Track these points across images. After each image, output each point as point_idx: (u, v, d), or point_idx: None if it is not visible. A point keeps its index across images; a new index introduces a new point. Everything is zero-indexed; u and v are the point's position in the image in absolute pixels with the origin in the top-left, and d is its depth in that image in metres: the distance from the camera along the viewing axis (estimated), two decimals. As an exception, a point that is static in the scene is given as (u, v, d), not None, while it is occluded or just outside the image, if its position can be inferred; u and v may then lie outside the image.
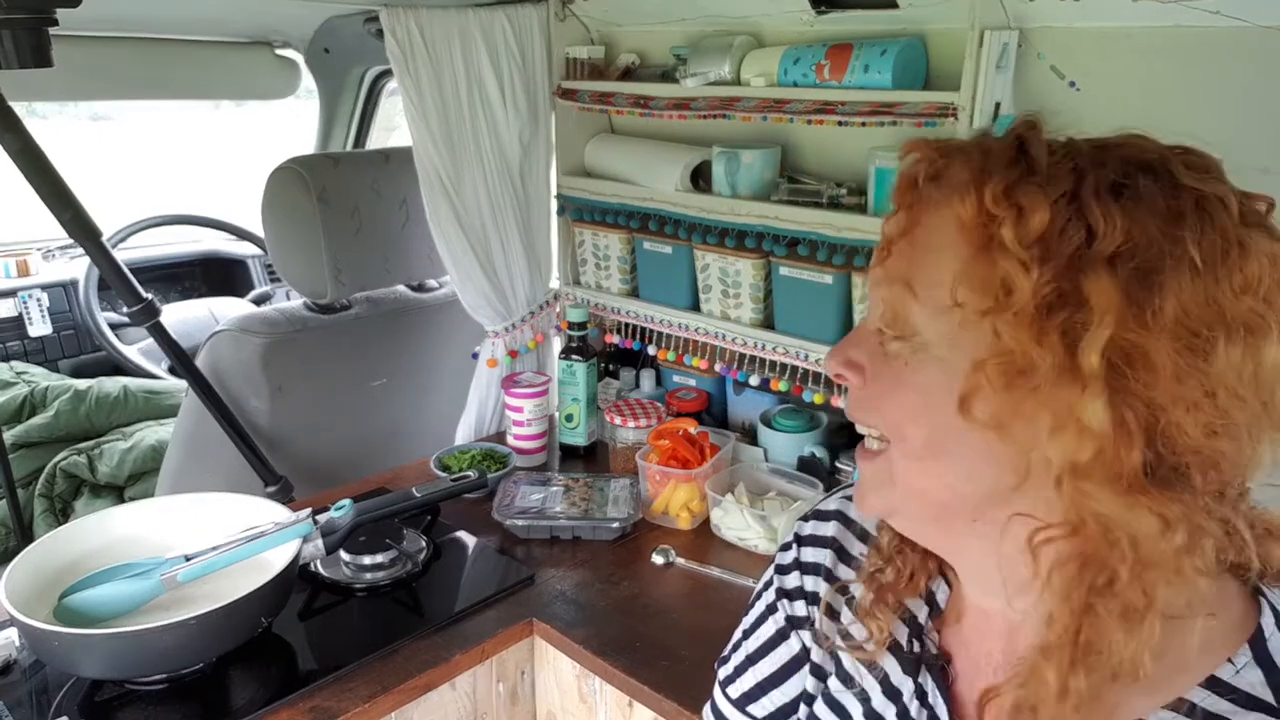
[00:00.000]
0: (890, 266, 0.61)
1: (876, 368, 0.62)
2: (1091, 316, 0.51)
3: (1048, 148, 0.56)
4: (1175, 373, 0.50)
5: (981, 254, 0.54)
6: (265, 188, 1.71)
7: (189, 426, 1.78)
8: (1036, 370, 0.52)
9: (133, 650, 1.04)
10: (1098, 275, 0.51)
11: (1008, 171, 0.55)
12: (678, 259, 1.65)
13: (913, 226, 0.60)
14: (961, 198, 0.55)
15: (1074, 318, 0.51)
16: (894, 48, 1.30)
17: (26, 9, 1.21)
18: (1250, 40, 1.08)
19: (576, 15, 1.74)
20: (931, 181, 0.60)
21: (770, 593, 0.82)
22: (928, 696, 0.68)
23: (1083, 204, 0.52)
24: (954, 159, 0.58)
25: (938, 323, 0.57)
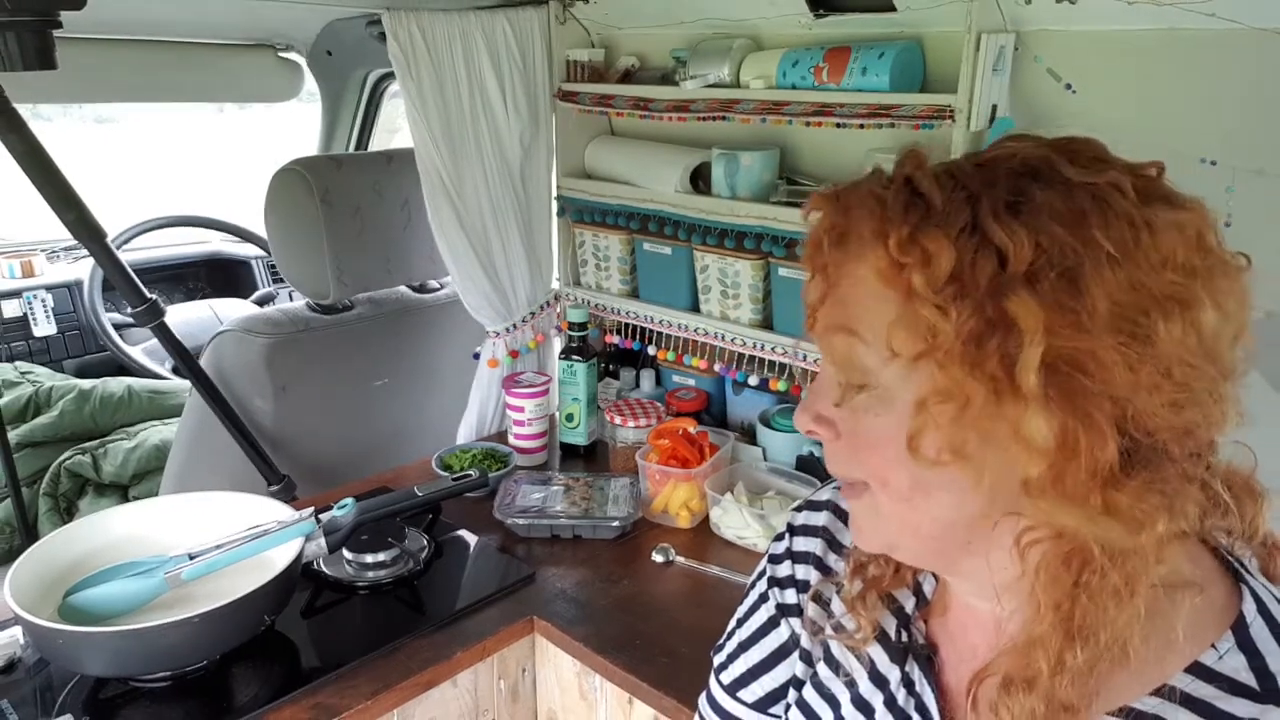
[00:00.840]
0: (826, 322, 0.61)
1: (847, 422, 0.61)
2: (1023, 337, 0.51)
3: (936, 182, 0.56)
4: (1126, 363, 0.51)
5: (906, 301, 0.55)
6: (268, 189, 1.72)
7: (193, 426, 1.79)
8: (974, 401, 0.53)
9: (137, 648, 1.04)
10: (1019, 296, 0.51)
11: (906, 217, 0.55)
12: (677, 260, 1.66)
13: (833, 288, 0.60)
14: (872, 250, 0.56)
15: (1007, 341, 0.52)
16: (892, 50, 1.31)
17: (31, 11, 1.22)
18: (1245, 42, 1.08)
19: (577, 18, 1.75)
20: (840, 240, 0.60)
21: (762, 582, 0.84)
22: (915, 685, 0.69)
23: (985, 230, 0.53)
24: (854, 212, 0.58)
25: (889, 368, 0.57)
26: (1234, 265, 0.55)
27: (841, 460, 0.63)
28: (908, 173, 0.58)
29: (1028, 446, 0.53)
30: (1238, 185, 1.13)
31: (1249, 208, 1.13)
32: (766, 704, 0.83)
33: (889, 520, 0.62)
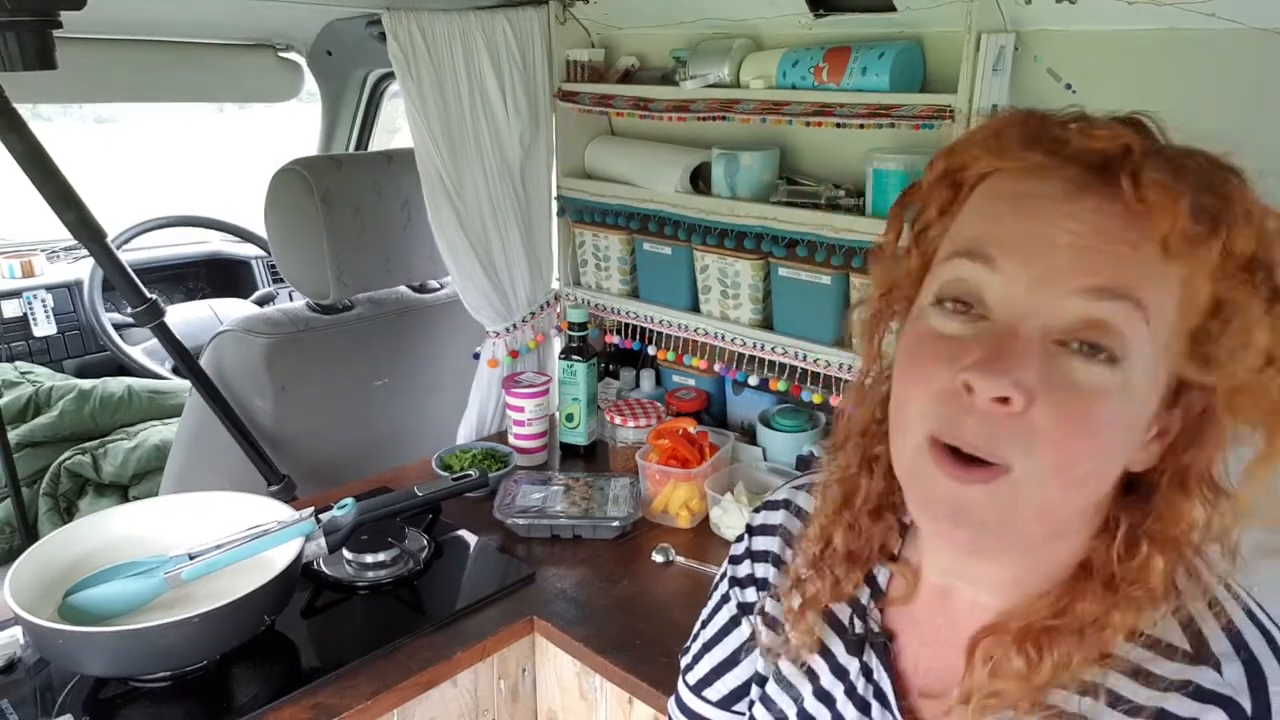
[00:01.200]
0: (1123, 276, 0.54)
1: (1060, 396, 0.54)
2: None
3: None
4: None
5: (1272, 301, 0.55)
6: (268, 189, 1.72)
7: (193, 426, 1.79)
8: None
9: (137, 648, 1.04)
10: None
11: (1260, 204, 0.56)
12: (677, 260, 1.66)
13: (1181, 237, 0.53)
14: (1246, 224, 0.54)
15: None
16: (891, 50, 1.31)
17: (31, 11, 1.22)
18: (1246, 43, 1.08)
19: (577, 18, 1.75)
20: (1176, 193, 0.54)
21: (724, 583, 0.85)
22: (873, 674, 0.70)
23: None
24: (1187, 171, 0.55)
25: (1153, 349, 0.55)
26: None
27: (1010, 435, 0.55)
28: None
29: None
30: (1238, 185, 1.13)
31: (1249, 208, 1.13)
32: (730, 701, 0.85)
33: (1024, 509, 0.56)
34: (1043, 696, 0.59)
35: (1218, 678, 0.56)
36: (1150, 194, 0.53)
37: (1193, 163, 0.55)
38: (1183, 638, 0.58)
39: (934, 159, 0.64)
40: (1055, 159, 0.56)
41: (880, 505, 0.70)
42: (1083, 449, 0.55)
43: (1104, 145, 0.55)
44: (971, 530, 0.58)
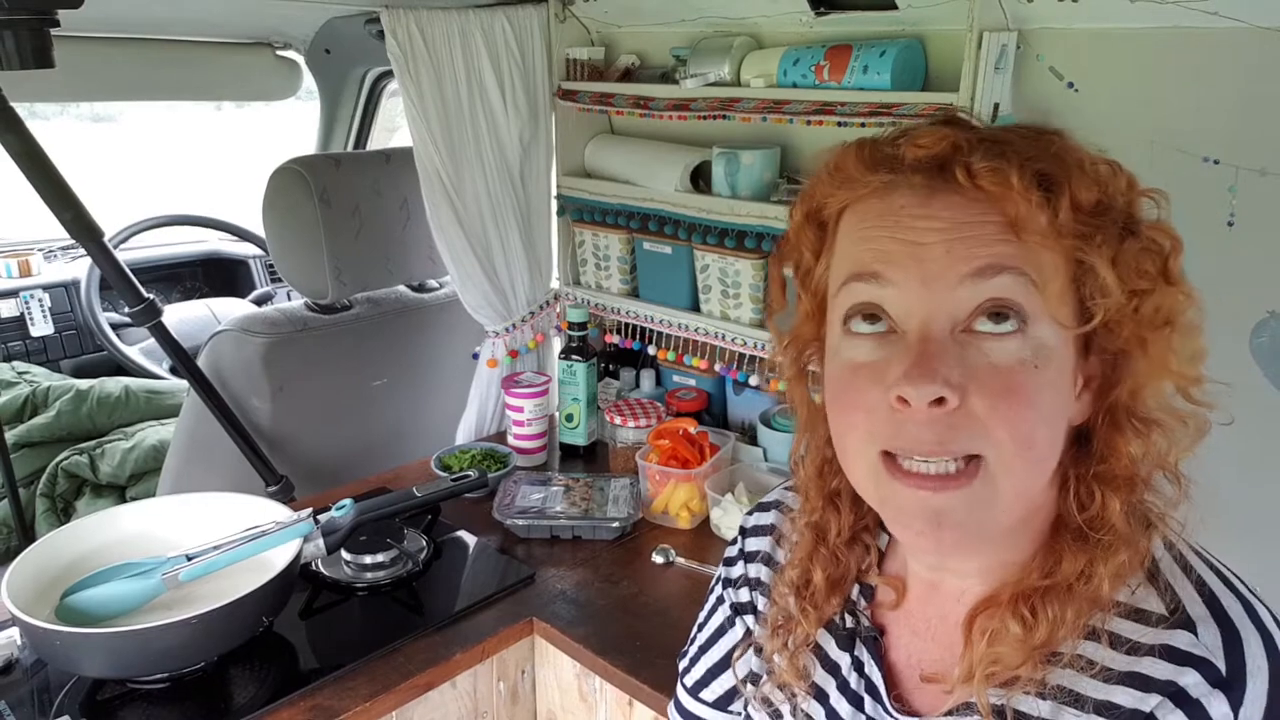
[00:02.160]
0: (999, 253, 0.57)
1: (987, 379, 0.57)
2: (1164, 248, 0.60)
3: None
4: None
5: (1127, 237, 0.58)
6: (266, 188, 1.71)
7: (190, 426, 1.78)
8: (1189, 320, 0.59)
9: (134, 649, 1.04)
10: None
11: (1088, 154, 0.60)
12: (677, 259, 1.65)
13: (1043, 209, 0.57)
14: (1100, 184, 0.58)
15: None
16: (893, 49, 1.30)
17: (28, 10, 1.21)
18: (1248, 41, 1.08)
19: (576, 16, 1.74)
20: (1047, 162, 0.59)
21: (719, 585, 0.87)
22: (864, 667, 0.71)
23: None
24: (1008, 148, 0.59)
25: (1060, 309, 0.58)
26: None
27: (959, 429, 0.57)
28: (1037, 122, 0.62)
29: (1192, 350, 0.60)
30: (1240, 184, 1.13)
31: (1251, 207, 1.13)
32: (726, 702, 0.86)
33: (1004, 495, 0.58)
34: (1042, 656, 0.60)
35: (1193, 639, 0.57)
36: (984, 180, 0.57)
37: (1015, 138, 0.59)
38: (1160, 603, 0.60)
39: (792, 208, 0.69)
40: (897, 174, 0.61)
41: (854, 534, 0.74)
42: (1029, 419, 0.58)
43: (931, 149, 0.59)
44: (954, 531, 0.60)
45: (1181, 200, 1.18)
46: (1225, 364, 1.24)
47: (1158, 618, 0.59)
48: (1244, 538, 1.03)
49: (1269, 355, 1.15)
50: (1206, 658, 0.57)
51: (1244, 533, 1.02)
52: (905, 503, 0.60)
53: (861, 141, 0.64)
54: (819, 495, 0.74)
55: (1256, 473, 1.15)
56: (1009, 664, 0.60)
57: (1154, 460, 0.61)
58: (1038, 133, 0.60)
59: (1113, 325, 0.59)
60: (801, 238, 0.68)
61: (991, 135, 0.60)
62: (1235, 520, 0.97)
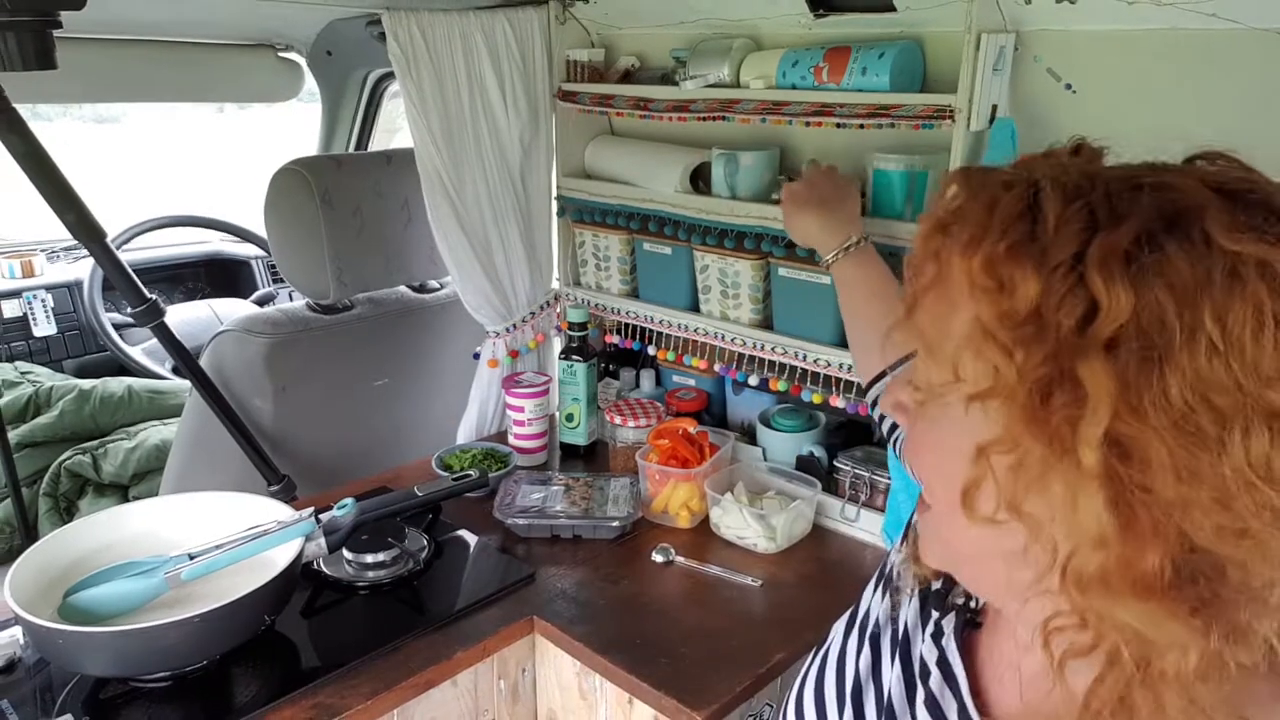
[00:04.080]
0: (919, 318, 0.55)
1: (917, 414, 0.57)
2: (1086, 407, 0.44)
3: (1063, 196, 0.48)
4: (1176, 470, 0.44)
5: (977, 326, 0.48)
6: (268, 189, 1.72)
7: (193, 426, 1.79)
8: (1030, 459, 0.47)
9: (136, 648, 1.04)
10: (1091, 362, 0.44)
11: (1006, 232, 0.48)
12: (677, 260, 1.66)
13: (940, 282, 0.53)
14: (963, 257, 0.50)
15: (1069, 406, 0.45)
16: (891, 50, 1.31)
17: (31, 11, 1.22)
18: (1246, 43, 1.08)
19: (577, 18, 1.75)
20: (946, 231, 0.53)
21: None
22: (942, 637, 0.67)
23: (1085, 275, 0.45)
24: (969, 206, 0.52)
25: (951, 388, 0.52)
26: None
27: (906, 452, 0.59)
28: (1039, 176, 0.50)
29: (1079, 526, 0.46)
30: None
31: (1249, 208, 1.13)
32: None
33: (935, 536, 0.60)
34: None
35: None
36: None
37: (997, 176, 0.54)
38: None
39: None
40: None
41: None
42: (920, 464, 0.58)
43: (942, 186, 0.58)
44: (921, 549, 0.62)
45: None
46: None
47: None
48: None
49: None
50: None
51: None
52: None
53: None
54: None
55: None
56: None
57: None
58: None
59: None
60: None
61: (981, 174, 0.55)
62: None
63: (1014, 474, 0.48)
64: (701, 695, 1.10)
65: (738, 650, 1.18)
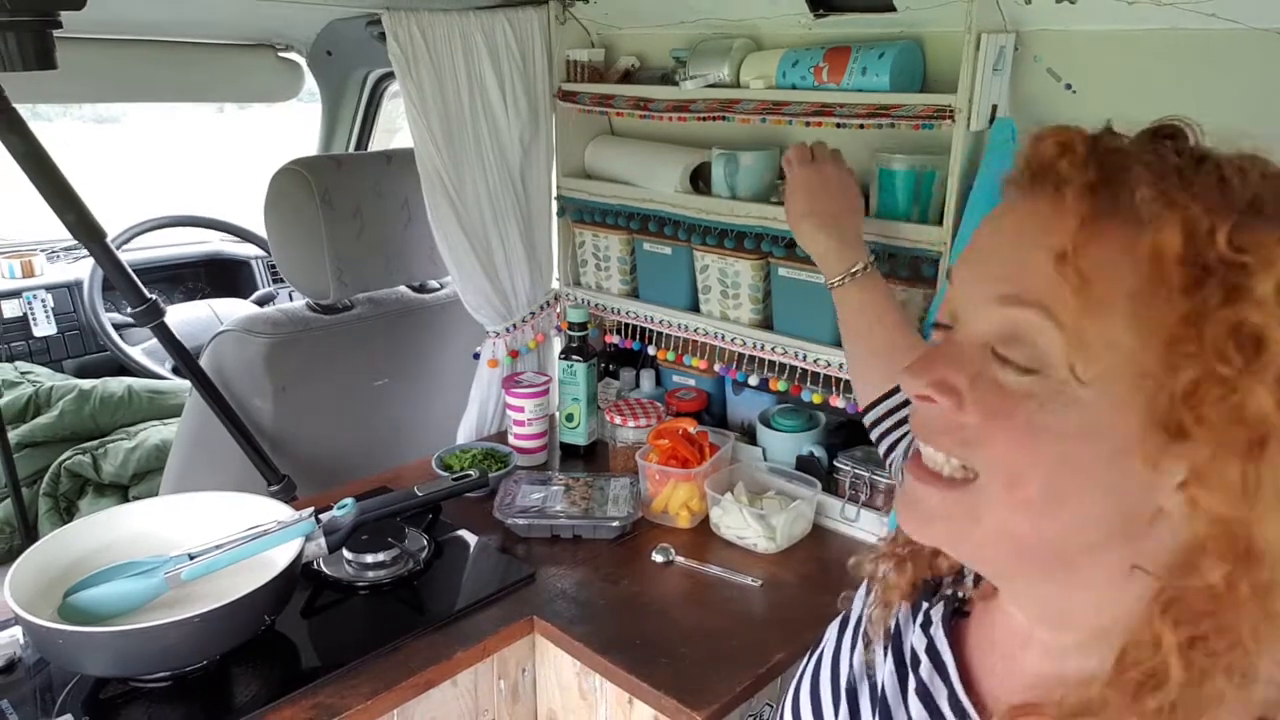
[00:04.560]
0: (1028, 285, 0.51)
1: (989, 399, 0.53)
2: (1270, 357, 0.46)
3: (1244, 174, 0.50)
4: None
5: (1198, 300, 0.47)
6: (268, 189, 1.72)
7: (193, 426, 1.79)
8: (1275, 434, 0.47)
9: (136, 648, 1.04)
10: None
11: (1223, 205, 0.48)
12: (677, 260, 1.66)
13: (1090, 244, 0.49)
14: (1171, 227, 0.48)
15: (1255, 358, 0.47)
16: (891, 50, 1.31)
17: (31, 11, 1.22)
18: (1246, 43, 1.08)
19: (577, 18, 1.75)
20: (1123, 193, 0.50)
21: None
22: (930, 626, 0.67)
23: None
24: (1141, 167, 0.50)
25: (1099, 368, 0.49)
26: None
27: (954, 436, 0.54)
28: (1205, 153, 0.51)
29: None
30: (1238, 185, 1.13)
31: (1249, 208, 1.13)
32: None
33: (987, 524, 0.54)
34: None
35: None
36: (1067, 193, 0.51)
37: (1149, 147, 0.52)
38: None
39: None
40: (1024, 173, 0.56)
41: None
42: (1014, 455, 0.52)
43: (1045, 148, 0.54)
44: (922, 522, 0.58)
45: (1179, 201, 1.19)
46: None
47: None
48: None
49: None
50: None
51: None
52: (908, 488, 0.58)
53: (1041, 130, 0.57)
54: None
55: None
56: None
57: (1249, 603, 0.48)
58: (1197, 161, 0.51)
59: (1193, 409, 0.48)
60: None
61: (1126, 150, 0.52)
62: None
63: (1248, 451, 0.47)
64: (701, 695, 1.10)
65: (738, 650, 1.18)
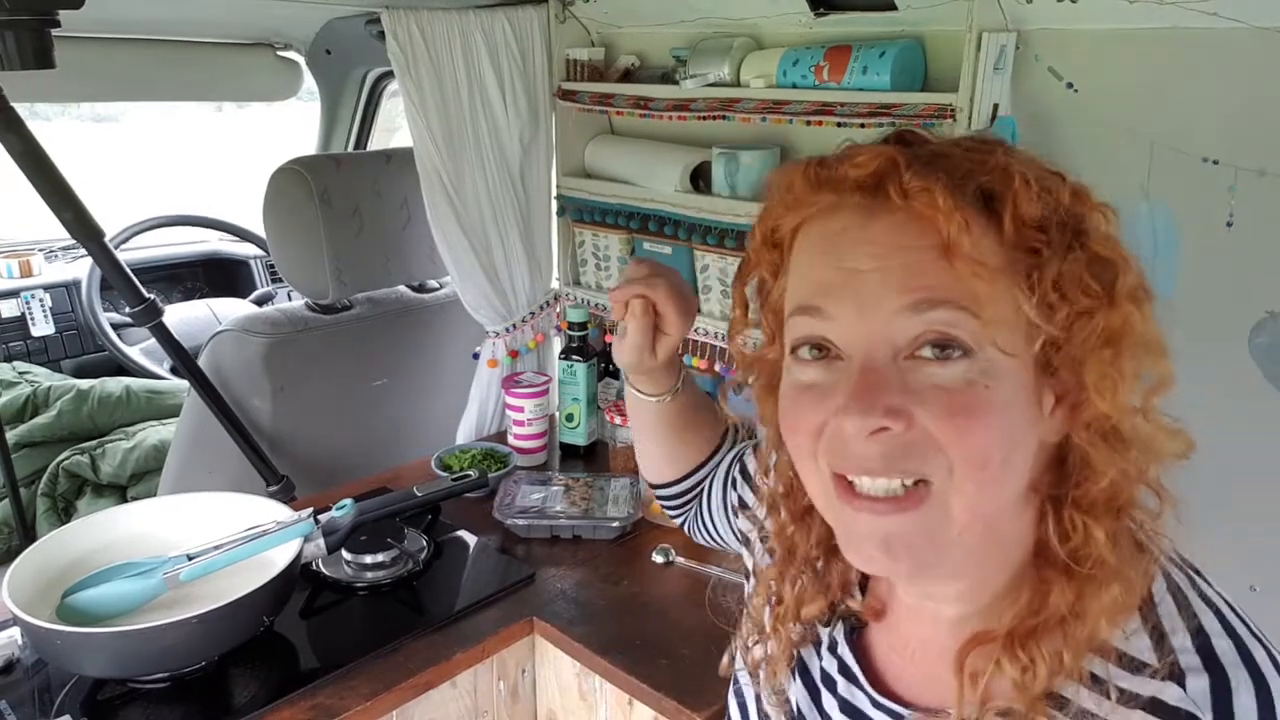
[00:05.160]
0: (934, 285, 0.56)
1: (933, 402, 0.56)
2: (1119, 272, 0.57)
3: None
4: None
5: (1068, 254, 0.56)
6: (267, 188, 1.71)
7: (191, 426, 1.78)
8: (1144, 342, 0.57)
9: (135, 649, 1.04)
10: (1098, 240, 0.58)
11: (1050, 169, 0.58)
12: (677, 259, 1.65)
13: (968, 235, 0.55)
14: (1026, 200, 0.55)
15: (1110, 282, 0.57)
16: (892, 49, 1.31)
17: (29, 10, 1.22)
18: (1247, 41, 1.08)
19: (576, 17, 1.74)
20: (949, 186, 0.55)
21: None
22: (837, 647, 0.71)
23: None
24: (953, 159, 0.58)
25: (1004, 333, 0.55)
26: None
27: (908, 453, 0.56)
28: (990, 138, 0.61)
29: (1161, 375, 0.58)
30: (1239, 185, 1.13)
31: (1251, 207, 1.13)
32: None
33: (957, 517, 0.57)
34: (1043, 704, 0.58)
35: (1181, 693, 0.55)
36: (917, 201, 0.55)
37: (956, 152, 0.58)
38: (1152, 651, 0.57)
39: (752, 229, 0.68)
40: (841, 194, 0.60)
41: (831, 549, 0.70)
42: (982, 438, 0.56)
43: (866, 168, 0.58)
44: (907, 556, 0.59)
45: (1181, 200, 1.19)
46: (1225, 364, 1.25)
47: (1150, 668, 0.56)
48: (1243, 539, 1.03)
49: (1268, 355, 1.16)
50: (1194, 713, 0.54)
51: (1243, 534, 1.02)
52: (857, 526, 0.59)
53: (809, 160, 0.63)
54: (788, 512, 0.72)
55: (1258, 475, 1.15)
56: (1013, 712, 0.58)
57: (1134, 478, 0.58)
58: (979, 144, 0.59)
59: (1062, 346, 0.57)
60: (760, 259, 0.67)
61: (932, 151, 0.58)
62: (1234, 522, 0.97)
63: (1115, 360, 0.57)
64: (701, 696, 1.09)
65: (738, 651, 1.18)
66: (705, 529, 1.02)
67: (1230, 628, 0.57)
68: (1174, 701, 0.55)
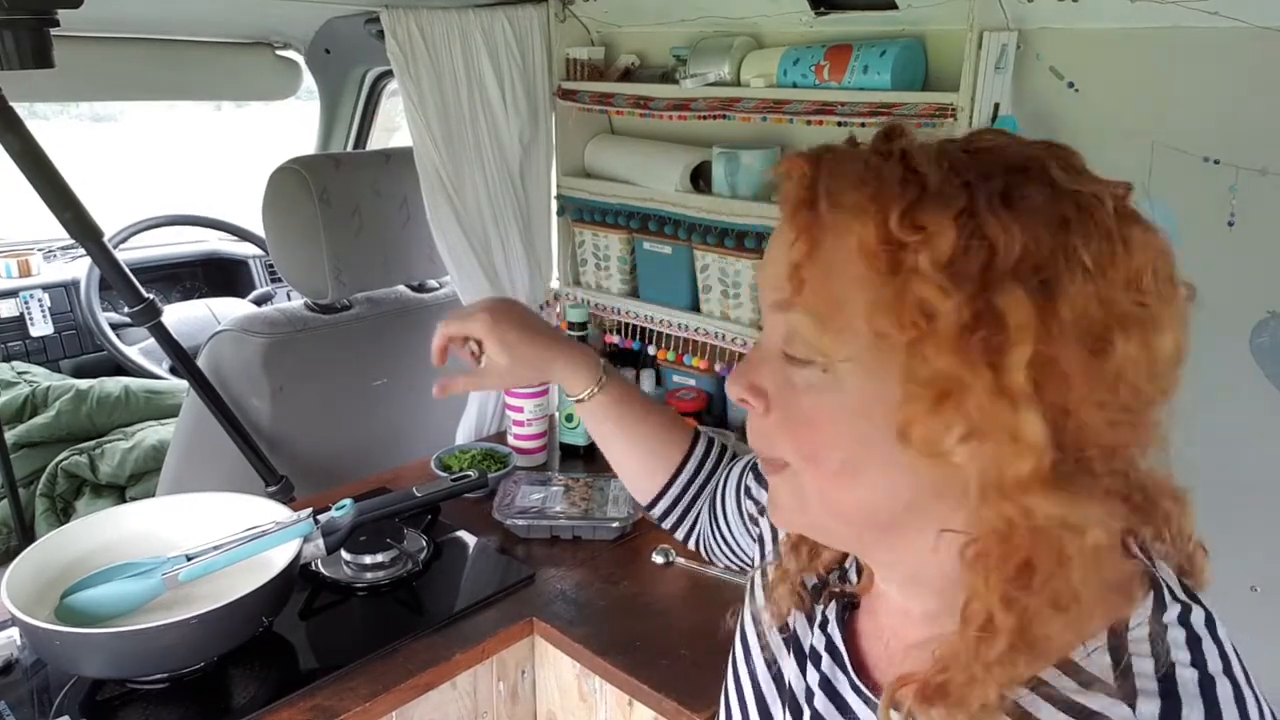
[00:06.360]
0: (780, 294, 0.57)
1: (784, 397, 0.59)
2: (1010, 334, 0.50)
3: (933, 161, 0.53)
4: (1084, 376, 0.51)
5: (891, 280, 0.52)
6: (266, 188, 1.71)
7: (190, 426, 1.78)
8: (969, 391, 0.51)
9: (134, 649, 1.04)
10: (1010, 291, 0.50)
11: (904, 191, 0.52)
12: (677, 259, 1.65)
13: (814, 250, 0.55)
14: (861, 222, 0.53)
15: (992, 337, 0.50)
16: (893, 49, 1.31)
17: (28, 10, 1.21)
18: (1248, 41, 1.08)
19: (576, 16, 1.74)
20: (814, 206, 0.56)
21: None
22: (828, 625, 0.71)
23: (980, 219, 0.51)
24: (839, 181, 0.55)
25: (850, 348, 0.55)
26: (1184, 293, 0.56)
27: (766, 437, 0.61)
28: (902, 147, 0.55)
29: (1013, 444, 0.51)
30: (1240, 184, 1.13)
31: (1252, 207, 1.13)
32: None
33: (811, 498, 0.61)
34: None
35: (1128, 713, 0.52)
36: (787, 211, 0.57)
37: (856, 154, 0.57)
38: (1109, 670, 0.54)
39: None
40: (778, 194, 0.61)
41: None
42: (811, 440, 0.59)
43: (779, 173, 0.60)
44: (777, 511, 0.65)
45: (1182, 200, 1.19)
46: (1225, 364, 1.25)
47: (1102, 684, 0.54)
48: (1244, 539, 1.03)
49: (1269, 355, 1.16)
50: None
51: (1244, 534, 1.02)
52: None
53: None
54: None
55: (1258, 475, 1.15)
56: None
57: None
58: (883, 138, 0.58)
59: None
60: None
61: (838, 154, 0.58)
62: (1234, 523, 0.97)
63: (941, 406, 0.52)
64: (701, 697, 1.09)
65: (738, 651, 1.18)
66: (723, 544, 1.02)
67: (1199, 655, 0.54)
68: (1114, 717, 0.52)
